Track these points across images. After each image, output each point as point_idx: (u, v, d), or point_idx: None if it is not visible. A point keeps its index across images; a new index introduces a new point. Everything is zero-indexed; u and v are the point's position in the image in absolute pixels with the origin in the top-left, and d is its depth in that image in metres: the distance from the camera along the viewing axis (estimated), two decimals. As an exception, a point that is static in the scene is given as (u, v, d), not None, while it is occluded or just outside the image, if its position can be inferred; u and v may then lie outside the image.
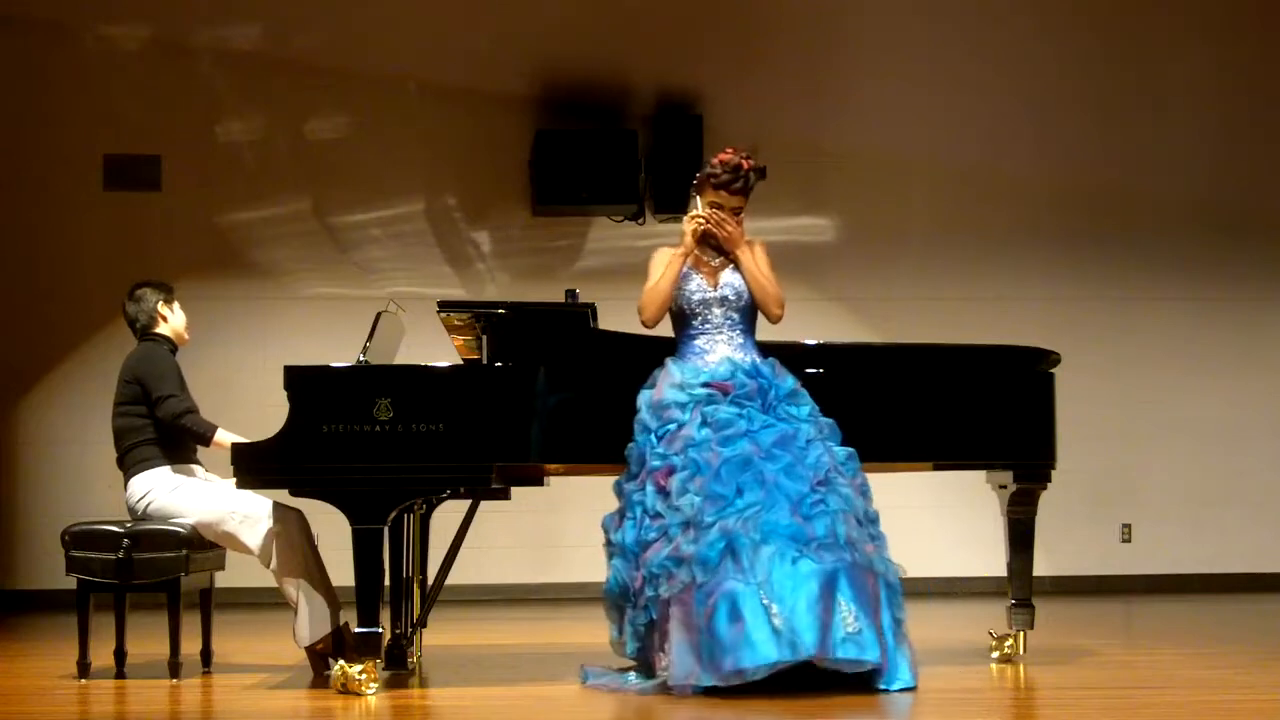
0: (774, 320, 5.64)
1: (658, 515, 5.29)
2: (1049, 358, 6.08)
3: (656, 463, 5.35)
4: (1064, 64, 9.92)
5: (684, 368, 5.53)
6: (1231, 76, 9.99)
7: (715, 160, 5.61)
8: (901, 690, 5.18)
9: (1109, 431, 9.75)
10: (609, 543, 5.50)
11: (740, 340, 5.60)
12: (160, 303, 6.11)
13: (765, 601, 5.06)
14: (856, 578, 5.17)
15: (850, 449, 5.51)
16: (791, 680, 5.09)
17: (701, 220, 5.59)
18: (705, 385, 5.45)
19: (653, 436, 5.39)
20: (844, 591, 5.13)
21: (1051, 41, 9.93)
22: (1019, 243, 9.86)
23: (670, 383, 5.49)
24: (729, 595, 5.08)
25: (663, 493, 5.30)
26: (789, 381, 5.53)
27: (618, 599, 5.43)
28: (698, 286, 5.59)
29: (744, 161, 5.58)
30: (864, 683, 5.17)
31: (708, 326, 5.59)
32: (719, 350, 5.57)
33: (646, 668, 5.35)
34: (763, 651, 5.03)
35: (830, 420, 5.53)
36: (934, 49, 9.87)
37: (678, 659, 5.12)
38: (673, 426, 5.38)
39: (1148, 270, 9.89)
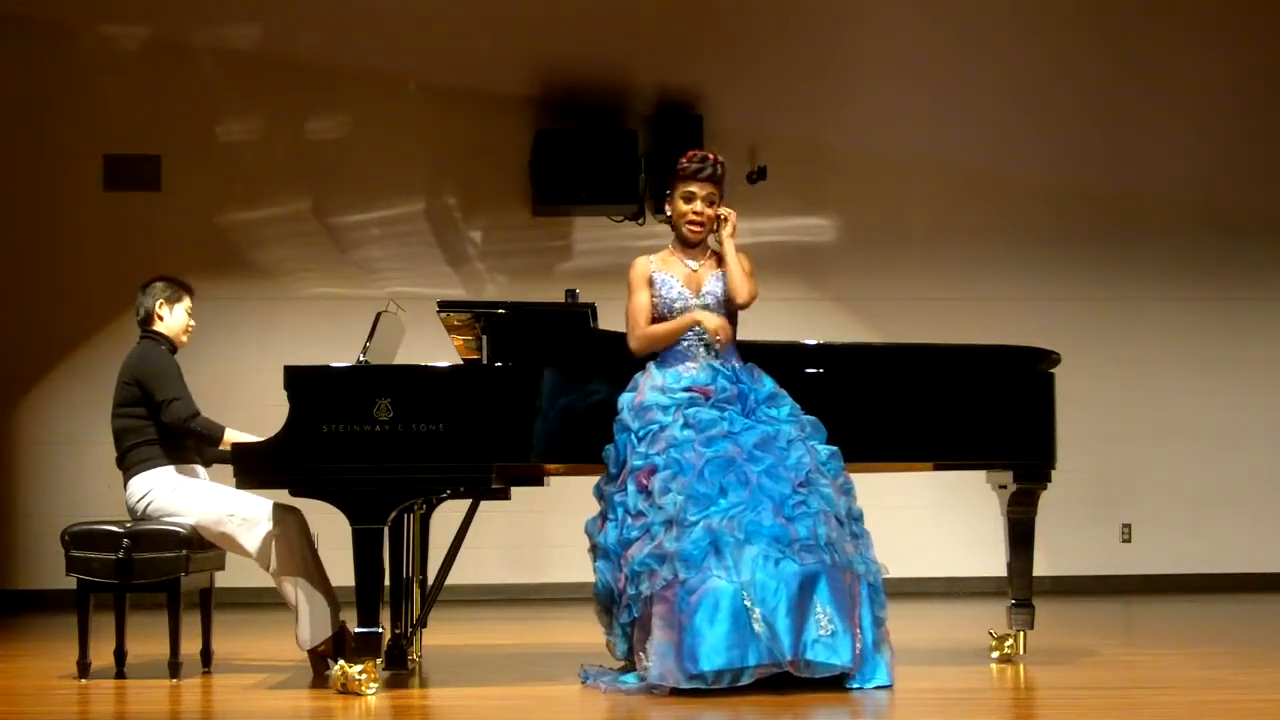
0: (741, 305, 5.62)
1: (639, 514, 5.30)
2: (1049, 358, 6.08)
3: (638, 462, 5.36)
4: (1064, 64, 9.92)
5: (665, 372, 5.55)
6: (1232, 77, 10.00)
7: (681, 158, 5.74)
8: (877, 688, 5.19)
9: (1109, 431, 9.75)
10: (593, 546, 5.51)
11: (718, 345, 5.61)
12: (160, 302, 6.10)
13: (748, 603, 5.08)
14: (835, 579, 5.21)
15: (833, 447, 5.52)
16: (767, 682, 5.10)
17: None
18: (687, 390, 5.48)
19: (633, 437, 5.41)
20: (822, 594, 5.16)
21: (1051, 41, 9.93)
22: (1019, 243, 9.86)
23: (652, 385, 5.52)
24: (713, 594, 5.09)
25: (644, 491, 5.31)
26: (767, 384, 5.56)
27: (605, 601, 5.44)
28: (679, 295, 5.62)
29: (709, 154, 5.71)
30: (836, 683, 5.17)
31: (690, 334, 5.61)
32: (700, 356, 5.59)
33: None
34: (741, 654, 5.05)
35: (813, 418, 5.55)
36: (934, 49, 9.88)
37: (657, 657, 5.12)
38: (654, 427, 5.40)
39: (1147, 270, 9.90)
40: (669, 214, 5.73)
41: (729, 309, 5.65)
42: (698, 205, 5.63)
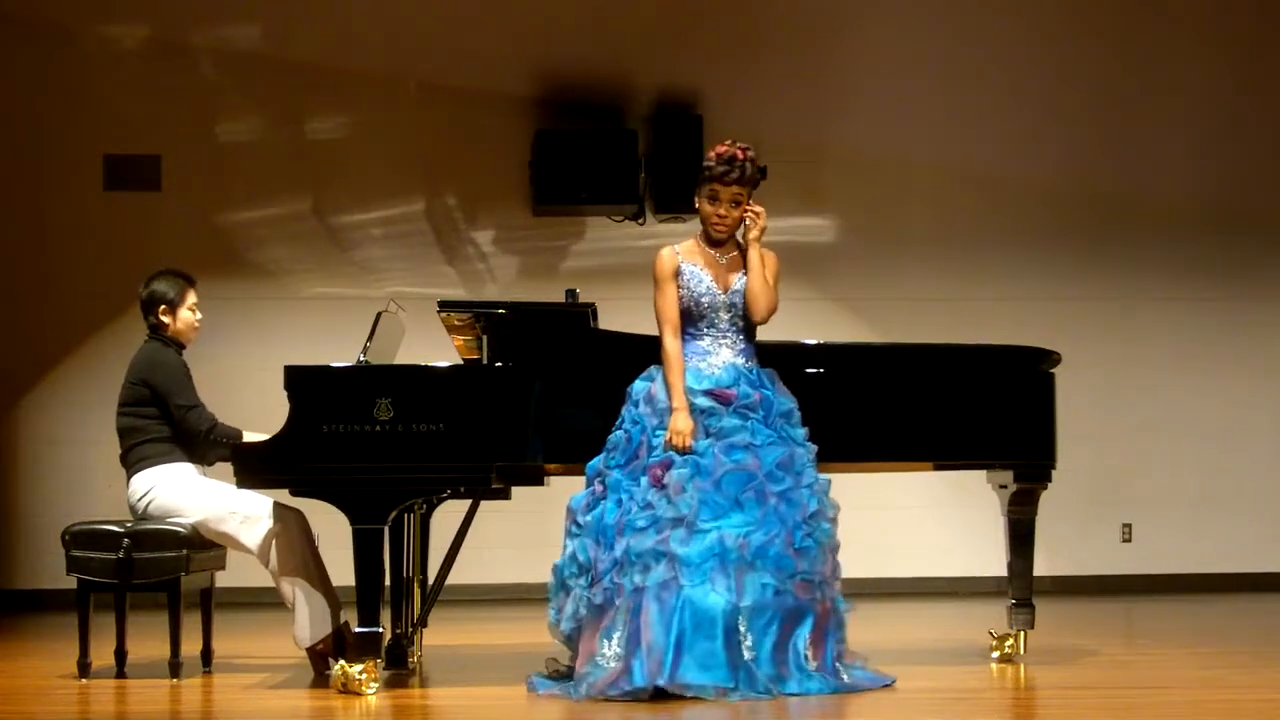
0: (757, 320, 5.55)
1: (649, 505, 5.26)
2: (1049, 358, 6.08)
3: (654, 457, 5.33)
4: (1064, 64, 9.92)
5: (687, 370, 5.49)
6: (1232, 77, 9.98)
7: (711, 154, 5.53)
8: (880, 688, 5.27)
9: (1109, 431, 9.74)
10: (575, 523, 5.45)
11: (742, 345, 5.56)
12: (163, 308, 6.05)
13: (742, 628, 5.10)
14: (820, 618, 5.25)
15: (826, 477, 5.49)
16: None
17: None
18: (708, 393, 5.41)
19: (650, 432, 5.36)
20: (804, 630, 5.20)
21: (1052, 41, 9.92)
22: (1019, 243, 9.85)
23: None
24: (710, 608, 5.08)
25: (657, 486, 5.28)
26: (787, 401, 5.51)
27: (568, 578, 5.40)
28: (708, 290, 5.54)
29: (739, 151, 5.50)
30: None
31: (714, 330, 5.54)
32: (723, 354, 5.53)
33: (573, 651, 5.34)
34: (729, 675, 5.05)
35: (812, 445, 5.50)
36: (934, 49, 9.87)
37: (646, 653, 5.07)
38: None
39: (1147, 270, 9.89)
40: (697, 208, 5.64)
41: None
42: (722, 209, 5.50)
